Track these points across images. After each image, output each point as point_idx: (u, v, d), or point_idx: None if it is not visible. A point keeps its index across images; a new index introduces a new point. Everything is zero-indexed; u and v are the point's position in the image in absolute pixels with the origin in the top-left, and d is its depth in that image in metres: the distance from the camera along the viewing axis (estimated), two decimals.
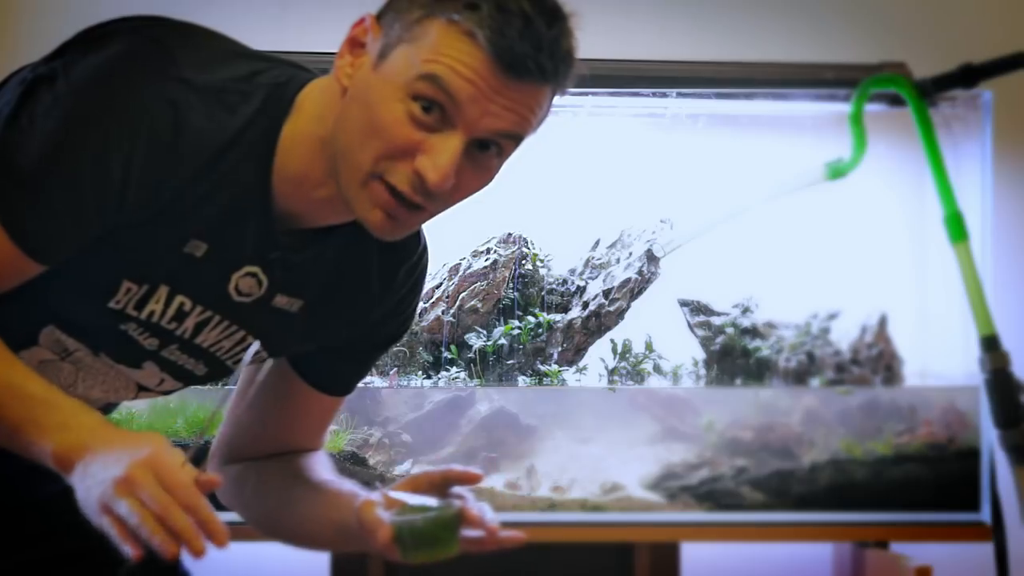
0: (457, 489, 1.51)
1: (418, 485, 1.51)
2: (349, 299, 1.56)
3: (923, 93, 2.25)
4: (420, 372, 2.32)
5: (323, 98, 1.41)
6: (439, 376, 2.32)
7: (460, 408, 2.29)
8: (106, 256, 1.39)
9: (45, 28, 1.46)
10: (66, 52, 1.37)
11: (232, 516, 2.14)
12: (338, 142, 1.38)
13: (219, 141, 1.37)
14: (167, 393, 1.60)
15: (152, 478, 1.26)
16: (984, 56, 2.22)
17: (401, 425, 2.28)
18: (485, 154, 1.37)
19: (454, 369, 2.32)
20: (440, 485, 1.51)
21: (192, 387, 1.77)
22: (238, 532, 2.24)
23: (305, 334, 1.55)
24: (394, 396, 2.28)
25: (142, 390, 1.56)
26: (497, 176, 1.44)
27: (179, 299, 1.45)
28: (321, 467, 1.66)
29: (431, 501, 1.47)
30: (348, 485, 1.59)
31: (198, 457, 1.37)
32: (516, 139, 1.38)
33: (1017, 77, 2.22)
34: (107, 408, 1.64)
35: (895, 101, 2.29)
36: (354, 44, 1.39)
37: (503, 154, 1.39)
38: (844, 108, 2.28)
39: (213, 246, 1.42)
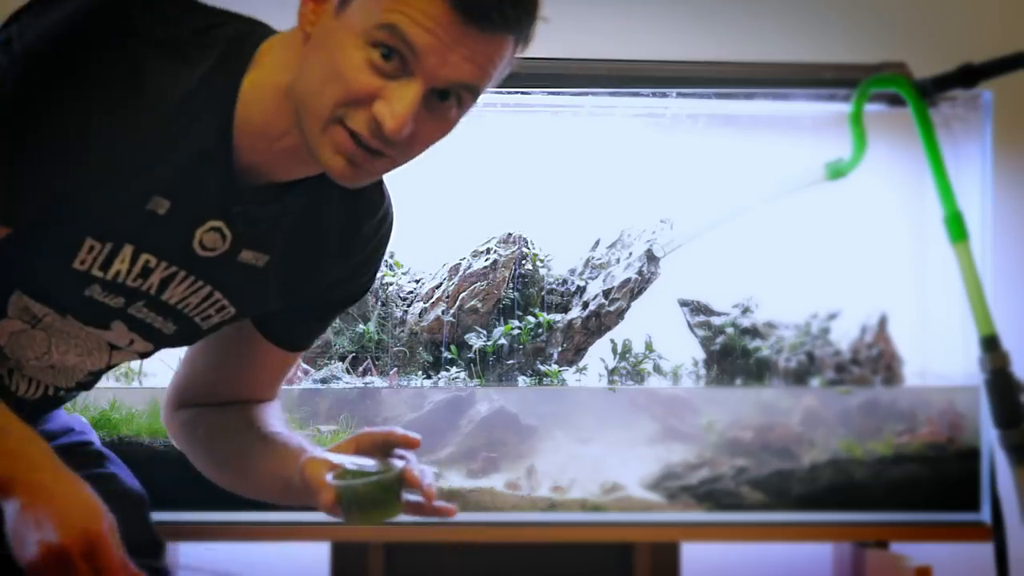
0: (400, 451, 1.52)
1: (360, 445, 1.52)
2: (312, 254, 1.57)
3: (923, 93, 2.25)
4: (420, 372, 2.32)
5: (285, 48, 1.42)
6: (439, 376, 2.31)
7: (460, 408, 2.29)
8: (68, 216, 1.40)
9: None
10: (22, 16, 1.38)
11: (234, 516, 2.14)
12: (300, 88, 1.39)
13: (178, 95, 1.37)
14: (142, 355, 1.61)
15: (82, 561, 1.27)
16: (984, 56, 2.22)
17: (401, 425, 2.27)
18: (444, 104, 1.38)
19: (454, 369, 2.32)
20: (383, 447, 1.52)
21: None
22: (239, 532, 2.24)
23: (272, 290, 1.56)
24: (394, 396, 2.28)
25: (115, 349, 1.56)
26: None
27: (144, 257, 1.45)
28: (272, 419, 1.67)
29: (370, 463, 1.48)
30: (296, 440, 1.60)
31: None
32: (474, 91, 1.39)
33: (1017, 77, 2.22)
34: (90, 382, 1.63)
35: (895, 101, 2.29)
36: None
37: (462, 105, 1.40)
38: (844, 108, 2.28)
39: (176, 202, 1.42)
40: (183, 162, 1.41)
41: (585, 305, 2.37)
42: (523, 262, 2.38)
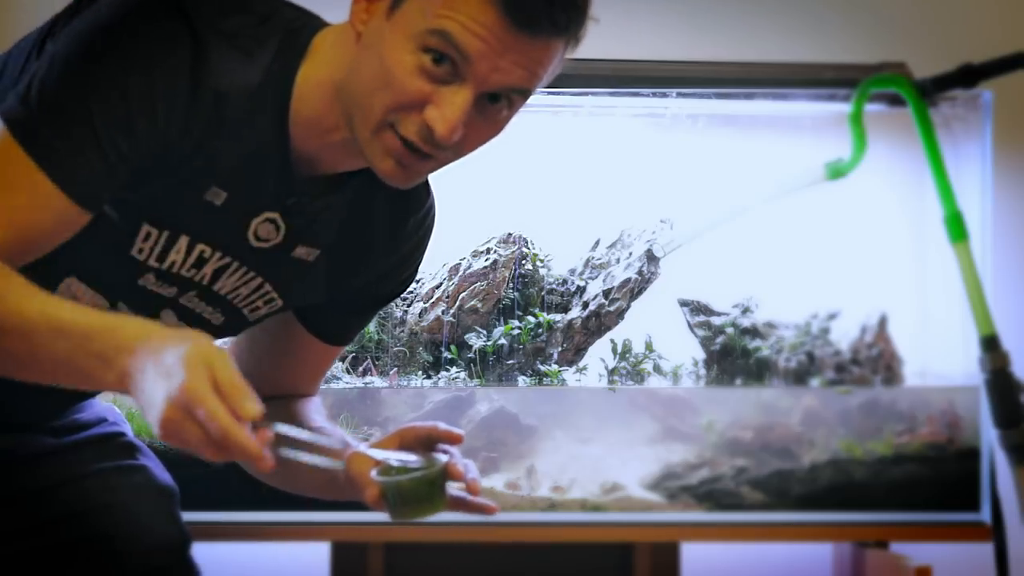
0: (443, 446, 1.52)
1: (404, 441, 1.52)
2: (361, 247, 1.58)
3: (923, 93, 2.25)
4: (420, 372, 2.32)
5: (338, 43, 1.43)
6: (439, 376, 2.32)
7: (460, 408, 2.29)
8: (131, 203, 1.40)
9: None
10: (80, 5, 1.40)
11: (234, 516, 2.14)
12: (351, 89, 1.39)
13: (243, 89, 1.38)
14: None
15: (206, 399, 1.20)
16: (984, 56, 2.22)
17: (401, 425, 2.27)
18: (495, 106, 1.39)
19: (454, 369, 2.32)
20: (426, 442, 1.52)
21: None
22: (239, 532, 2.24)
23: (319, 283, 1.57)
24: (394, 396, 2.28)
25: None
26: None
27: (199, 247, 1.46)
28: (314, 413, 1.68)
29: (413, 459, 1.48)
30: (339, 434, 1.60)
31: None
32: (524, 94, 1.39)
33: (1017, 77, 2.22)
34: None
35: (895, 101, 2.29)
36: None
37: (512, 107, 1.40)
38: (844, 108, 2.28)
39: (232, 193, 1.43)
40: (241, 153, 1.41)
41: (585, 305, 2.37)
42: (523, 262, 2.38)
